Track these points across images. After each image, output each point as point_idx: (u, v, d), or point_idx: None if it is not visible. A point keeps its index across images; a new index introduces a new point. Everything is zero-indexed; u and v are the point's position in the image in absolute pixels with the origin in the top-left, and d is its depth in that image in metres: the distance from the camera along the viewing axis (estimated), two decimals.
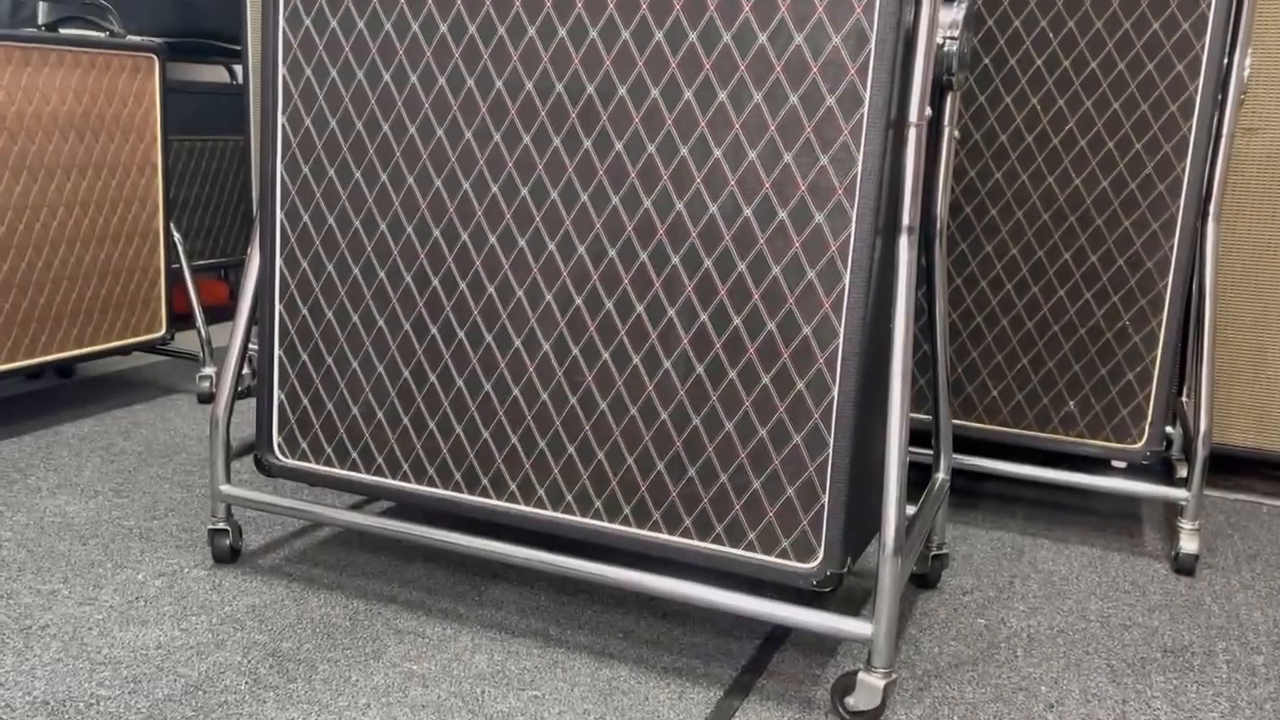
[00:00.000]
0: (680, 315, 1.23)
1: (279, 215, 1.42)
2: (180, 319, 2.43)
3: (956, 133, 1.34)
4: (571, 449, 1.31)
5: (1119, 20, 1.65)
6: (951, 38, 1.18)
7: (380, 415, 1.41)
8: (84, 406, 2.28)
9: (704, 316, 1.22)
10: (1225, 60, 1.63)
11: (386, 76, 1.33)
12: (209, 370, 2.37)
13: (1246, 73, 1.67)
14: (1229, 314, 2.00)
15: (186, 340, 2.64)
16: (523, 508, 1.34)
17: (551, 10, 1.24)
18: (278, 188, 1.41)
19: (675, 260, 1.23)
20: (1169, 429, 2.06)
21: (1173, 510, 1.92)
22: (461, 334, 1.35)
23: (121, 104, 2.15)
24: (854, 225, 1.14)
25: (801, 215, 1.16)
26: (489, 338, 1.33)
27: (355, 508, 1.74)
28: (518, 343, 1.32)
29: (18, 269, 2.00)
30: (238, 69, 3.30)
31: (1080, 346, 1.74)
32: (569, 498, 1.32)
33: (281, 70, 1.38)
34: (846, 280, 1.15)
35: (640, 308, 1.25)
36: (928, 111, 1.13)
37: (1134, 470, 2.03)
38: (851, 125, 1.13)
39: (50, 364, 2.10)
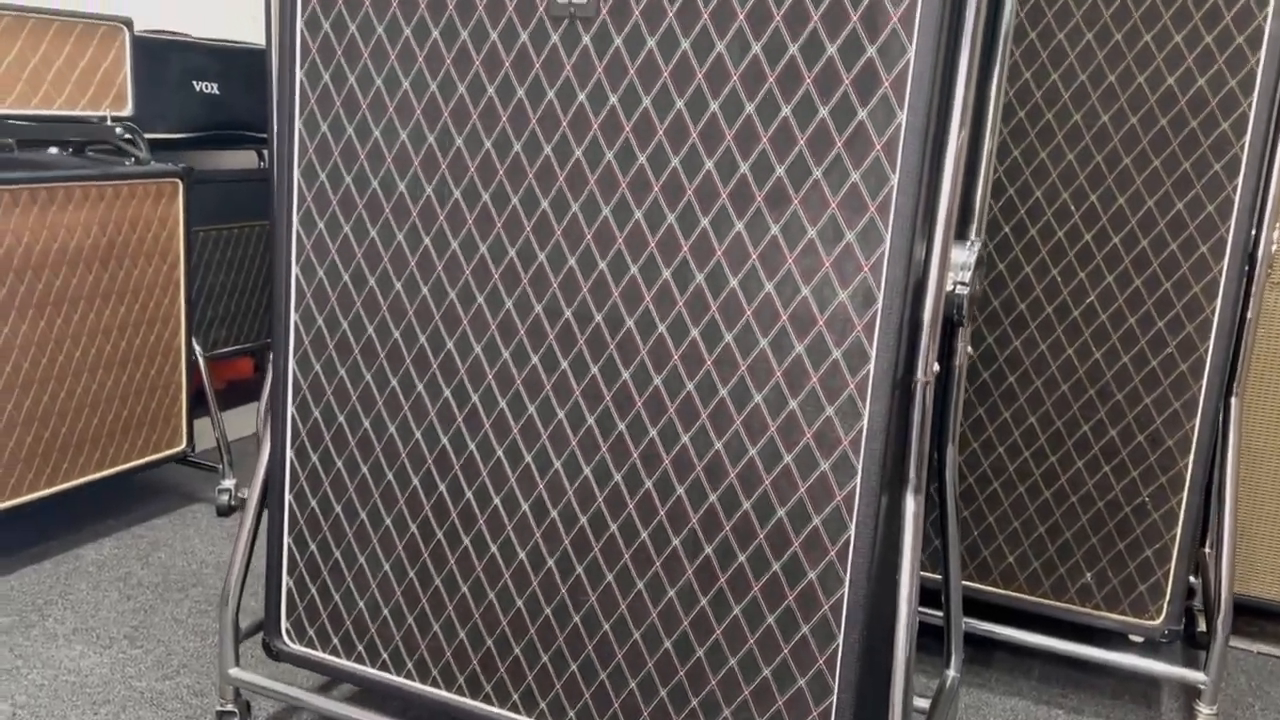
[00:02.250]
0: (685, 546, 1.23)
1: (290, 408, 1.43)
2: (200, 399, 2.44)
3: (970, 349, 1.32)
4: (574, 666, 1.30)
5: (1142, 197, 1.62)
6: (963, 282, 1.17)
7: (386, 612, 1.41)
8: (104, 520, 2.30)
9: (708, 549, 1.22)
10: (1252, 235, 1.60)
11: (398, 285, 1.33)
12: (228, 483, 2.39)
13: (1275, 247, 1.64)
14: (1254, 465, 1.96)
15: (204, 429, 2.66)
16: None
17: (561, 239, 1.23)
18: (289, 382, 1.42)
19: (680, 491, 1.22)
20: (1191, 579, 2.02)
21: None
22: (467, 540, 1.35)
23: (146, 229, 2.17)
24: (860, 480, 1.12)
25: (807, 461, 1.15)
26: (494, 547, 1.33)
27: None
28: (522, 555, 1.32)
29: (40, 401, 2.02)
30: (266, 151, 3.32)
31: (1098, 519, 1.72)
32: (571, 714, 1.31)
33: (295, 270, 1.39)
34: (852, 531, 1.14)
35: (645, 534, 1.25)
36: (935, 366, 1.12)
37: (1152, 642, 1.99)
38: (857, 381, 1.11)
39: (72, 490, 2.12)
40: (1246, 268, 1.61)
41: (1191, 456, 1.65)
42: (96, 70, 2.01)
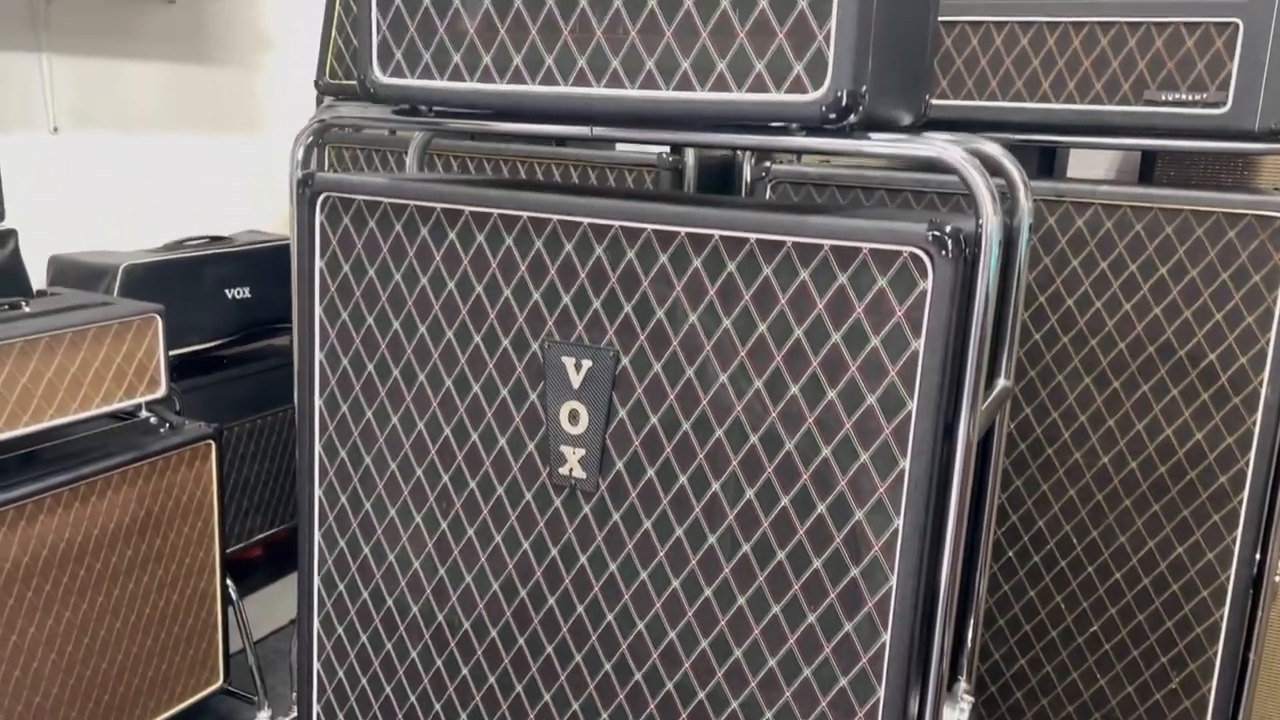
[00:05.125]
0: None
1: None
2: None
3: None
4: None
5: (1143, 538, 1.65)
6: None
7: None
8: None
9: None
10: (1253, 579, 1.62)
11: (412, 698, 1.39)
12: (264, 715, 2.47)
13: (1278, 577, 1.66)
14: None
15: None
16: None
17: (566, 684, 1.29)
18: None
19: None
20: None
21: None
22: None
23: (181, 492, 2.26)
24: None
25: None
26: None
27: None
28: None
29: (83, 677, 2.11)
30: None
31: None
32: None
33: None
34: None
35: None
36: None
37: None
38: None
39: None
40: (1247, 616, 1.63)
41: None
42: (132, 362, 2.10)
